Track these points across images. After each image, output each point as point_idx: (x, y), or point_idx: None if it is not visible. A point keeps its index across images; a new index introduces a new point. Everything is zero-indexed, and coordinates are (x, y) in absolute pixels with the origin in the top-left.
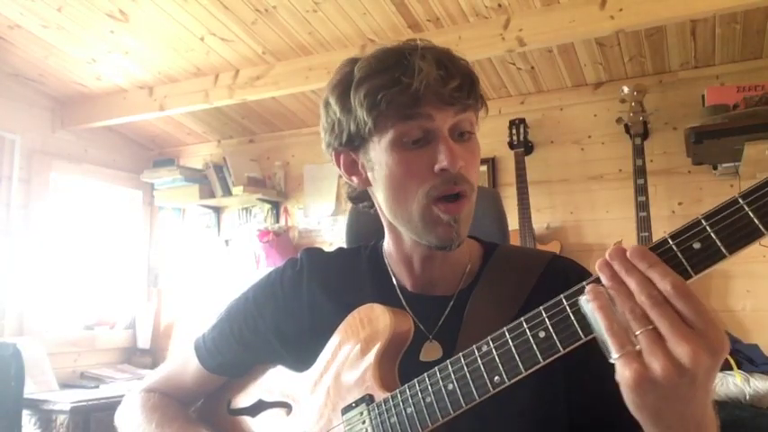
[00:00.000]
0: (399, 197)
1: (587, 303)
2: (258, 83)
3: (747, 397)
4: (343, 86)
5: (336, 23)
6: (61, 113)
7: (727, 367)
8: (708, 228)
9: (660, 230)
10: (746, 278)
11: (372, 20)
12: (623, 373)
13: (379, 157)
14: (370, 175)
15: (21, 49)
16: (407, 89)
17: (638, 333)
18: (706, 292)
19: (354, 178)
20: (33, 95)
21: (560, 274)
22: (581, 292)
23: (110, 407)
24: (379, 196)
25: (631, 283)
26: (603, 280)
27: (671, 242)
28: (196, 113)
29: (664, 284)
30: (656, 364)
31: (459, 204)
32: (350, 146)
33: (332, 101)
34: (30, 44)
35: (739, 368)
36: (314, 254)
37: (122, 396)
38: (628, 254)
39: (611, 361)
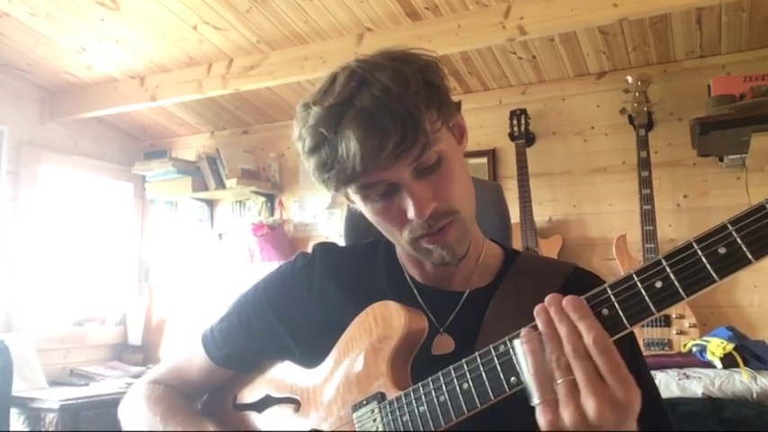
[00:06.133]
0: (386, 232)
1: (520, 346)
2: (252, 72)
3: (754, 395)
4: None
5: (332, 11)
6: (50, 104)
7: (733, 364)
8: (734, 233)
9: (665, 224)
10: (753, 273)
11: (369, 8)
12: (539, 419)
13: (357, 202)
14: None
15: (9, 38)
16: (344, 170)
17: (559, 382)
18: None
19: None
20: (21, 86)
21: (582, 286)
22: (601, 294)
23: (100, 405)
24: None
25: (561, 332)
26: (539, 325)
27: (696, 246)
28: (189, 104)
29: (587, 338)
30: (567, 415)
31: (443, 234)
32: None
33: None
34: (18, 33)
35: (746, 365)
36: (328, 247)
37: (113, 394)
38: (563, 302)
39: (532, 404)
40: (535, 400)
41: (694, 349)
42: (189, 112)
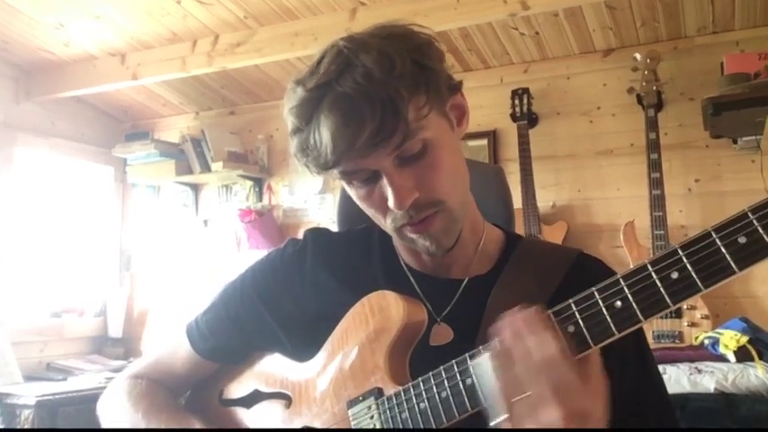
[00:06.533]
0: (372, 218)
1: (486, 362)
2: (239, 49)
3: None
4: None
5: None
6: (26, 83)
7: (747, 358)
8: (755, 221)
9: (675, 209)
10: None
11: None
12: None
13: (342, 184)
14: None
15: None
16: (319, 158)
17: (522, 397)
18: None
19: None
20: None
21: (587, 273)
22: (614, 286)
23: (78, 401)
24: None
25: (519, 349)
26: (502, 341)
27: (714, 235)
28: (172, 83)
29: (545, 351)
30: (530, 427)
31: (426, 225)
32: None
33: None
34: None
35: (761, 359)
36: (319, 233)
37: (92, 389)
38: (520, 319)
39: (492, 425)
40: (501, 417)
41: (706, 342)
42: (172, 91)
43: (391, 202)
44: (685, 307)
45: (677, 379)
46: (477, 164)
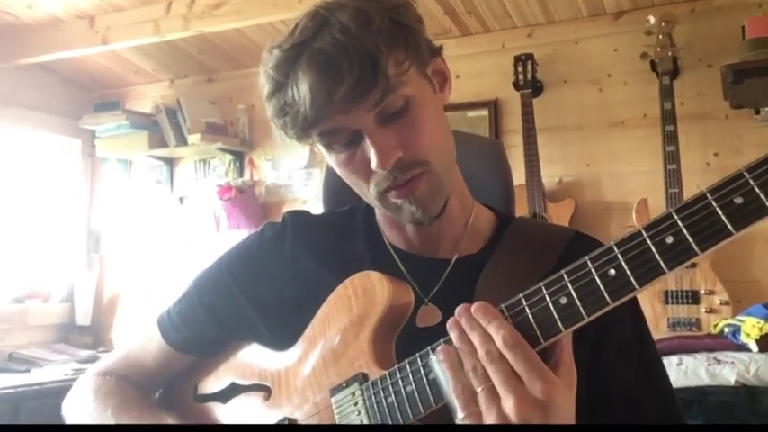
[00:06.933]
0: (354, 187)
1: (437, 364)
2: (218, 12)
3: None
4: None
5: None
6: None
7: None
8: (751, 181)
9: (693, 186)
10: None
11: None
12: None
13: (323, 153)
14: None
15: None
16: (297, 116)
17: (478, 391)
18: (748, 259)
19: None
20: None
21: (583, 253)
22: (607, 253)
23: (43, 394)
24: None
25: (474, 340)
26: (453, 338)
27: (710, 197)
28: (145, 48)
29: (497, 338)
30: (490, 422)
31: (410, 187)
32: None
33: None
34: None
35: None
36: (300, 215)
37: (58, 381)
38: (472, 310)
39: (457, 422)
40: (459, 415)
41: (726, 330)
42: (145, 57)
43: (374, 163)
44: (703, 292)
45: (694, 370)
46: (474, 138)
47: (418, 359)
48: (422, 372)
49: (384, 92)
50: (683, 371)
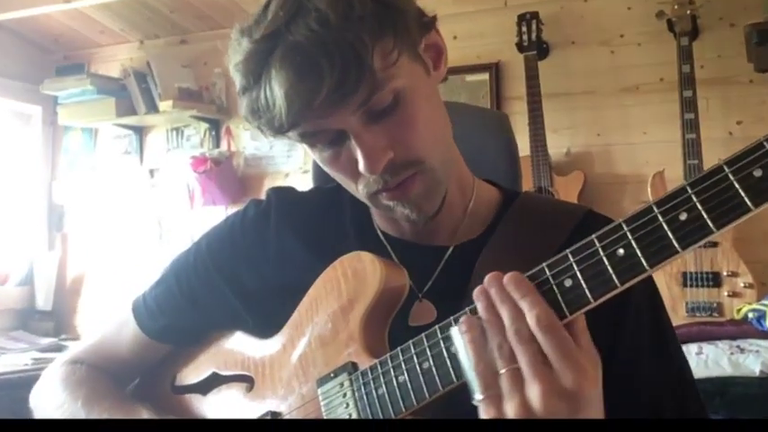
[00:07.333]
0: (342, 184)
1: (460, 336)
2: None
3: None
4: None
5: None
6: None
7: None
8: None
9: (713, 157)
10: None
11: None
12: (482, 417)
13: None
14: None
15: None
16: (272, 121)
17: (502, 372)
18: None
19: None
20: None
21: (595, 232)
22: (615, 231)
23: (1, 386)
24: None
25: (504, 315)
26: (479, 309)
27: (726, 169)
28: (111, 6)
29: (530, 317)
30: (510, 409)
31: (404, 189)
32: None
33: None
34: None
35: None
36: (285, 192)
37: (17, 372)
38: (504, 281)
39: (474, 403)
40: (477, 396)
41: (751, 315)
42: (112, 16)
43: (362, 166)
44: (725, 273)
45: (716, 360)
46: (477, 110)
47: (411, 347)
48: (415, 360)
49: (371, 90)
50: (704, 360)
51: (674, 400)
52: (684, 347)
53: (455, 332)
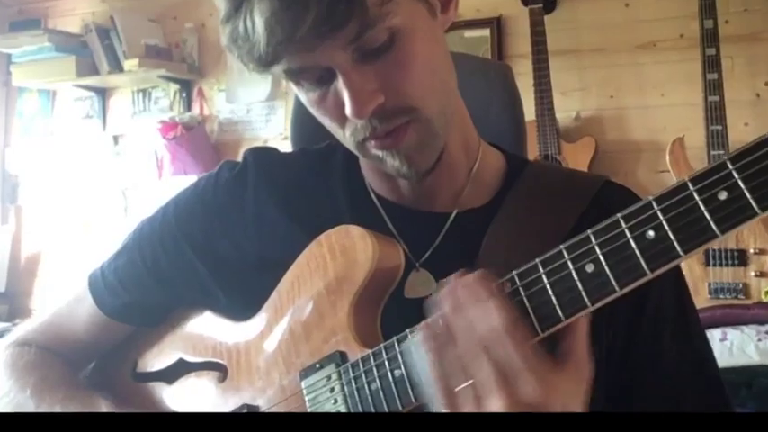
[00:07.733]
0: (329, 129)
1: (414, 346)
2: None
3: None
4: None
5: None
6: None
7: None
8: None
9: (739, 122)
10: None
11: None
12: None
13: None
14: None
15: None
16: (252, 52)
17: (457, 390)
18: None
19: None
20: None
21: (615, 207)
22: (645, 211)
23: None
24: None
25: (460, 324)
26: (438, 317)
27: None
28: None
29: (487, 324)
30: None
31: (394, 138)
32: None
33: None
34: None
35: None
36: (264, 154)
37: None
38: (463, 282)
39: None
40: (433, 410)
41: None
42: None
43: (348, 110)
44: (752, 251)
45: (741, 346)
46: (477, 60)
47: (408, 336)
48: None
49: (362, 26)
50: (728, 348)
51: (695, 392)
52: (707, 333)
53: (413, 341)
